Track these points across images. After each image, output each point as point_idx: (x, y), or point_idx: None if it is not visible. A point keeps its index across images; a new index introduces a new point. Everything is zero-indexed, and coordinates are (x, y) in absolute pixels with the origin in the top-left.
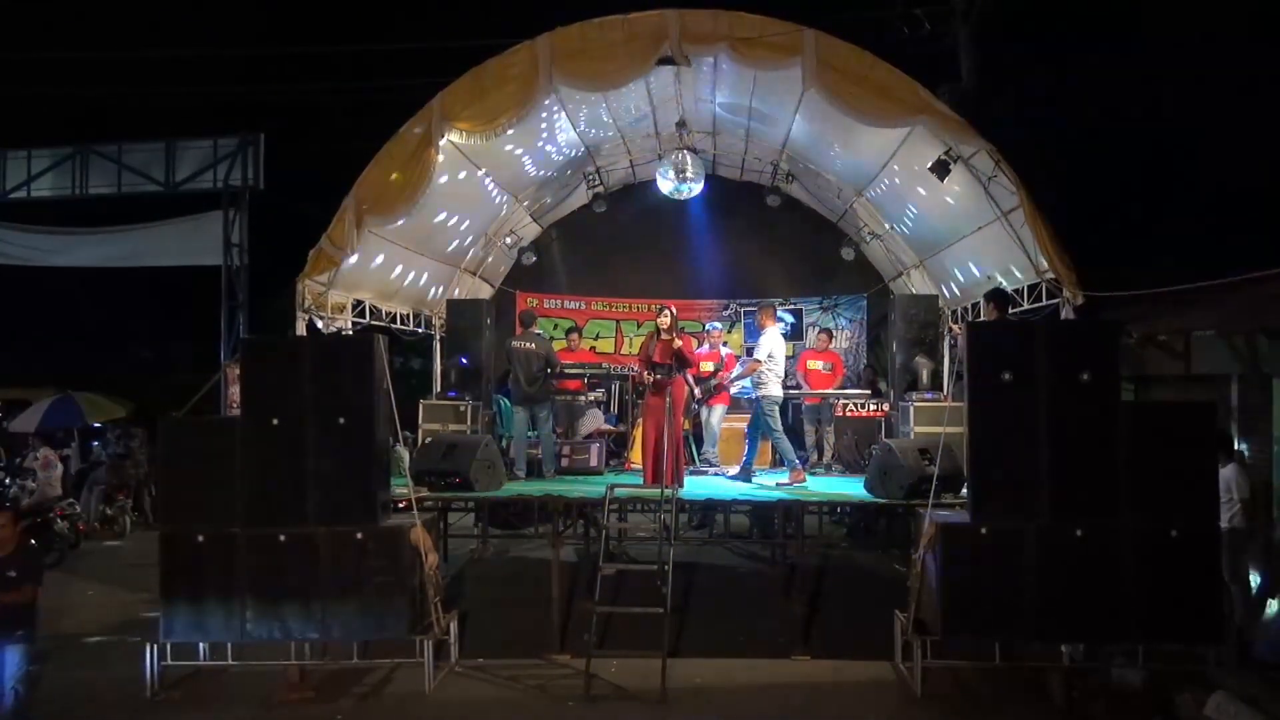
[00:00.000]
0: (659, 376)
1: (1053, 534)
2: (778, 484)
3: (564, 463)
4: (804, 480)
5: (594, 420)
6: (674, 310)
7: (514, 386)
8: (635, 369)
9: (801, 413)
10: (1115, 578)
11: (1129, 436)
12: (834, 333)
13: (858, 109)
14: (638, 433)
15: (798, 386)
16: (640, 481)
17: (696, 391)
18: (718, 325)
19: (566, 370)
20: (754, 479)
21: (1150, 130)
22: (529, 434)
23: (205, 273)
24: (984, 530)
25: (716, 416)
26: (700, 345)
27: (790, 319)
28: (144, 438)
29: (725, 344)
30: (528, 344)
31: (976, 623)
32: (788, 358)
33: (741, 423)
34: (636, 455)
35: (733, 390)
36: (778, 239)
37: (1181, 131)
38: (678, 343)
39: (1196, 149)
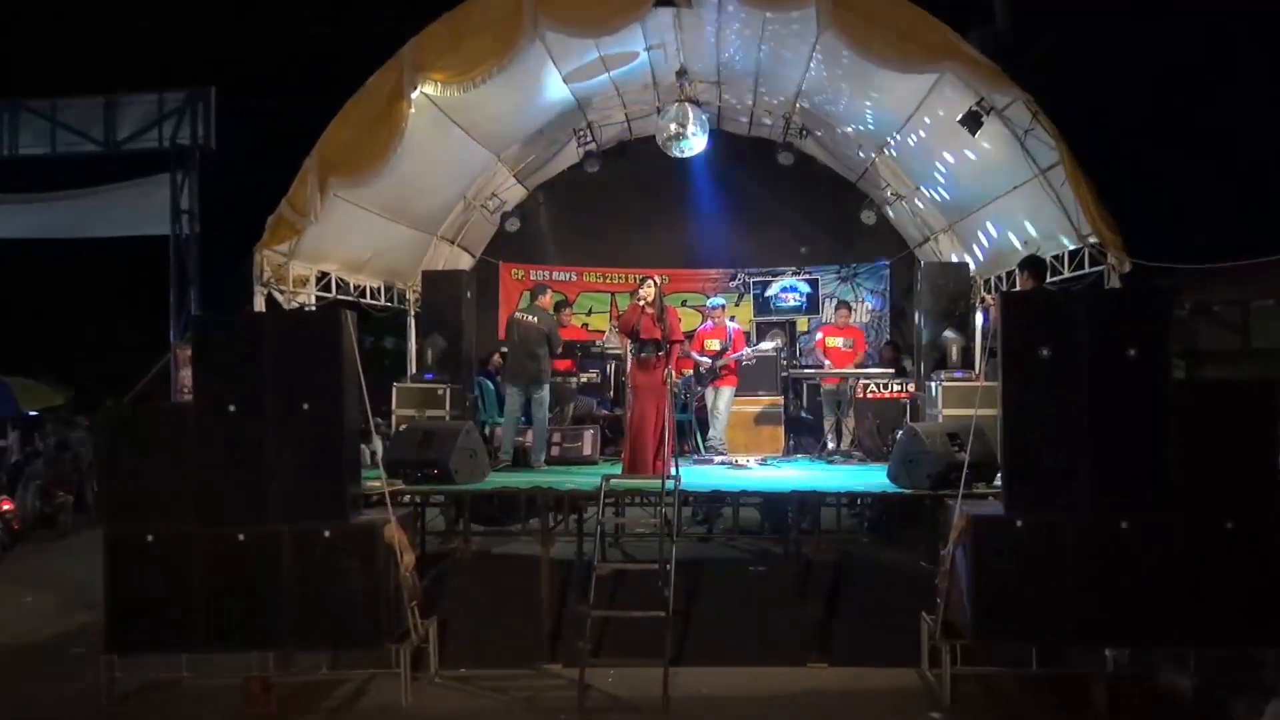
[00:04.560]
0: (645, 354)
1: (1095, 527)
2: None
3: (554, 452)
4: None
5: (586, 404)
6: (658, 281)
7: (510, 362)
8: (612, 344)
9: (819, 395)
10: (1164, 575)
11: (1180, 419)
12: (853, 306)
13: (879, 54)
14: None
15: (817, 365)
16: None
17: (703, 366)
18: (720, 301)
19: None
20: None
21: (1209, 78)
22: (520, 419)
23: (151, 243)
24: (1020, 523)
25: (724, 400)
26: (704, 322)
27: (807, 288)
28: (85, 427)
29: (733, 319)
30: (531, 317)
31: (1011, 625)
32: (802, 334)
33: (753, 406)
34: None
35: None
36: (790, 201)
37: (1248, 79)
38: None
39: (1265, 97)
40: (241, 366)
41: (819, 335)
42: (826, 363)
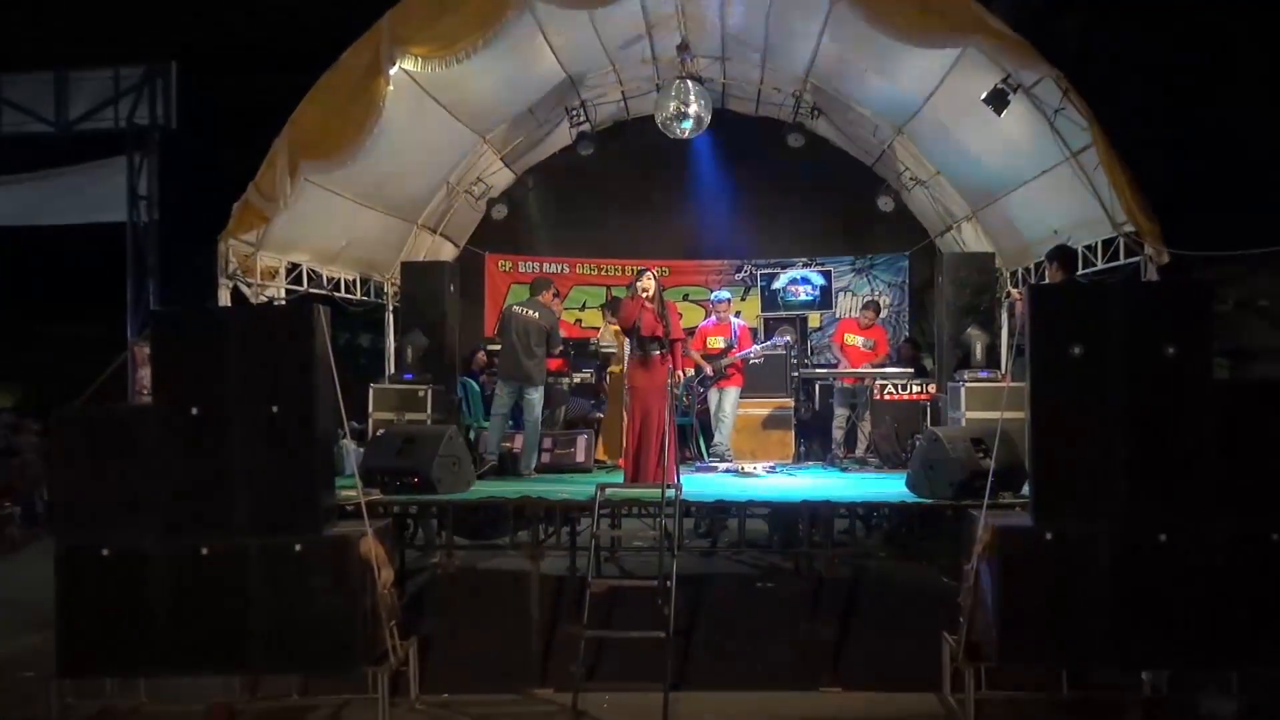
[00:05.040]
0: (646, 353)
1: (1131, 539)
2: None
3: (545, 458)
4: None
5: (580, 407)
6: (657, 274)
7: (503, 358)
8: (605, 342)
9: (832, 396)
10: (1206, 591)
11: (1223, 422)
12: (880, 306)
13: (896, 27)
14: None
15: (834, 364)
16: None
17: (707, 369)
18: (725, 295)
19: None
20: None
21: (1255, 48)
22: (508, 420)
23: (107, 231)
24: (1049, 535)
25: (730, 402)
26: (707, 317)
27: (820, 280)
28: (35, 432)
29: (738, 314)
30: (530, 312)
31: (1040, 646)
32: (814, 330)
33: (760, 409)
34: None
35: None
36: (801, 186)
37: None
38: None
39: None
40: (205, 366)
41: (836, 329)
42: (842, 360)
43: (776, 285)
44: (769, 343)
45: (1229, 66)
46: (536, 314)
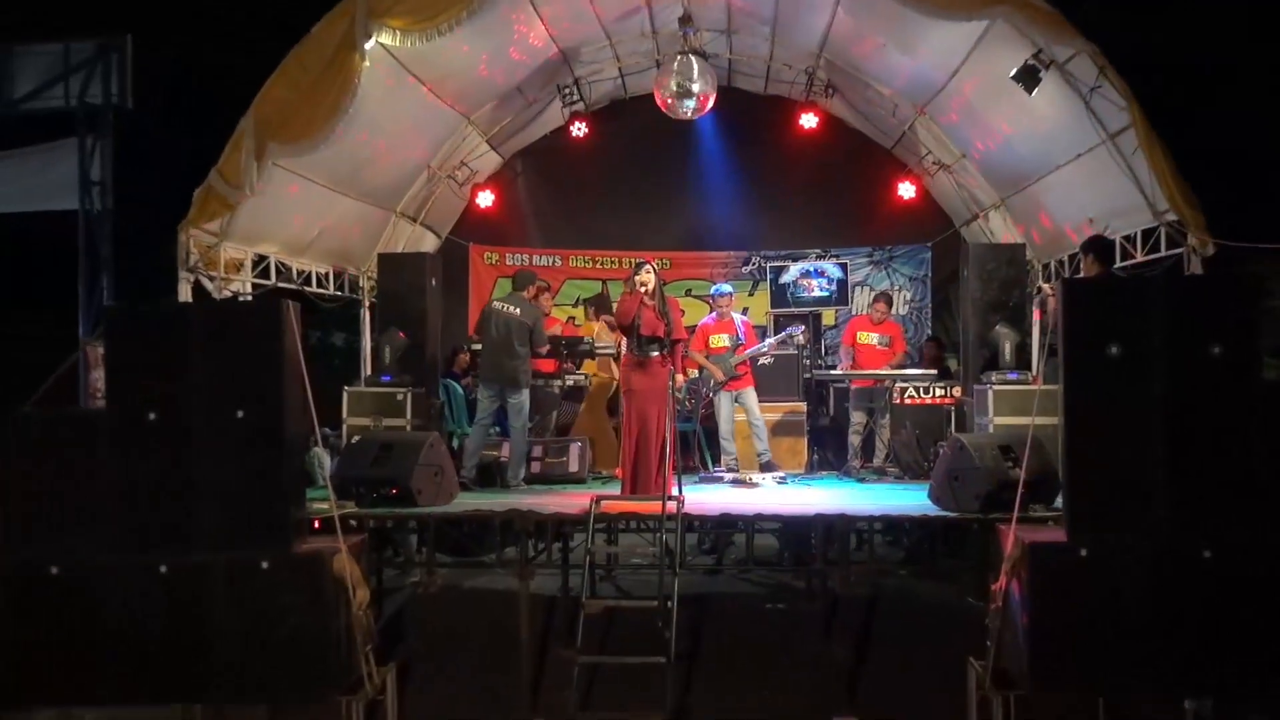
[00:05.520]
0: (645, 353)
1: (1174, 555)
2: None
3: (535, 468)
4: None
5: (572, 412)
6: (656, 267)
7: (484, 360)
8: (603, 341)
9: (847, 400)
10: (1255, 611)
11: (1273, 427)
12: (893, 297)
13: None
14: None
15: (851, 365)
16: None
17: (718, 375)
18: (728, 289)
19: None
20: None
21: None
22: (492, 428)
23: (56, 220)
24: (1084, 551)
25: (756, 406)
26: (708, 314)
27: (837, 272)
28: None
29: (745, 311)
30: (511, 308)
31: (1075, 672)
32: (829, 327)
33: (770, 414)
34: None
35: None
36: (814, 171)
37: None
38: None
39: None
40: (163, 367)
41: (847, 329)
42: (855, 363)
43: (787, 279)
44: (783, 334)
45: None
46: (518, 310)
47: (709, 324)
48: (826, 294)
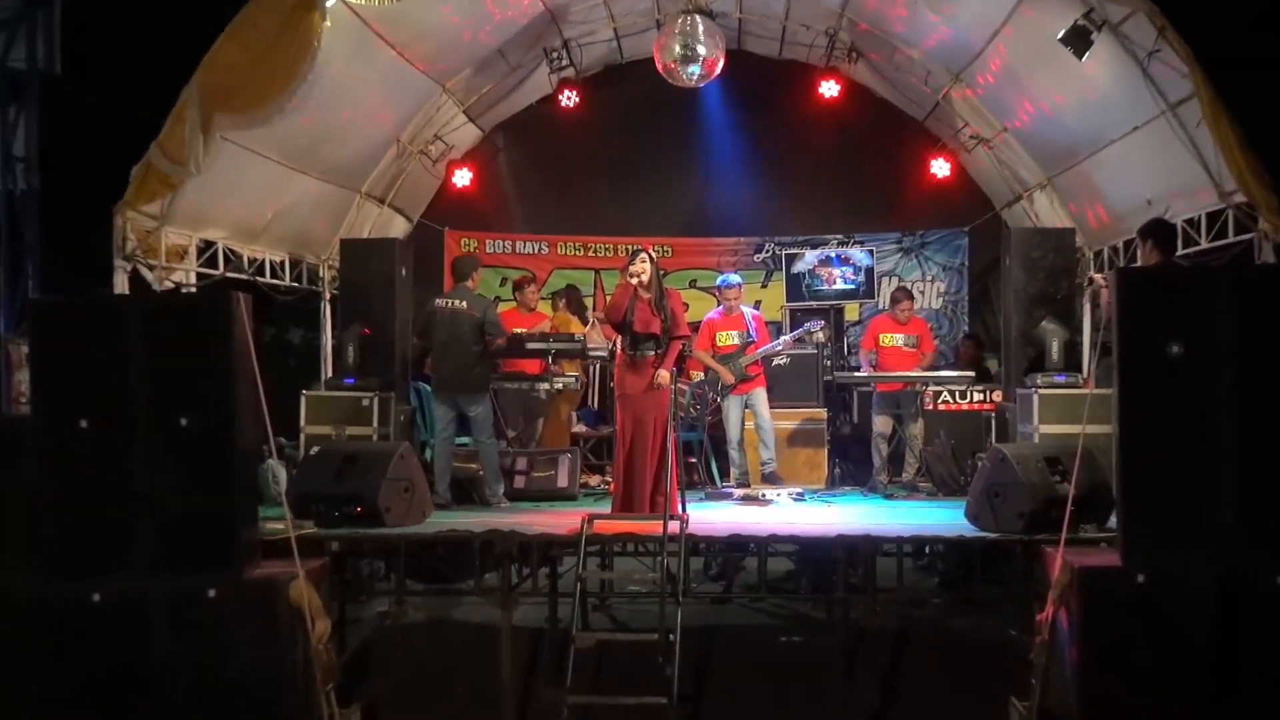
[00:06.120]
0: (640, 353)
1: (1242, 583)
2: None
3: (519, 483)
4: None
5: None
6: (653, 255)
7: (436, 368)
8: (596, 342)
9: (872, 405)
10: None
11: None
12: (918, 290)
13: None
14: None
15: (873, 367)
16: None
17: (726, 377)
18: (736, 279)
19: (525, 345)
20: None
21: None
22: (455, 443)
23: None
24: (1142, 578)
25: (766, 410)
26: (715, 309)
27: (865, 259)
28: None
29: (757, 305)
30: (457, 302)
31: (1129, 712)
32: (853, 323)
33: (786, 422)
34: None
35: None
36: (835, 146)
37: None
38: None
39: None
40: (97, 368)
41: (867, 331)
42: (870, 369)
43: (804, 268)
44: (800, 329)
45: None
46: (464, 303)
47: (715, 319)
48: (851, 286)
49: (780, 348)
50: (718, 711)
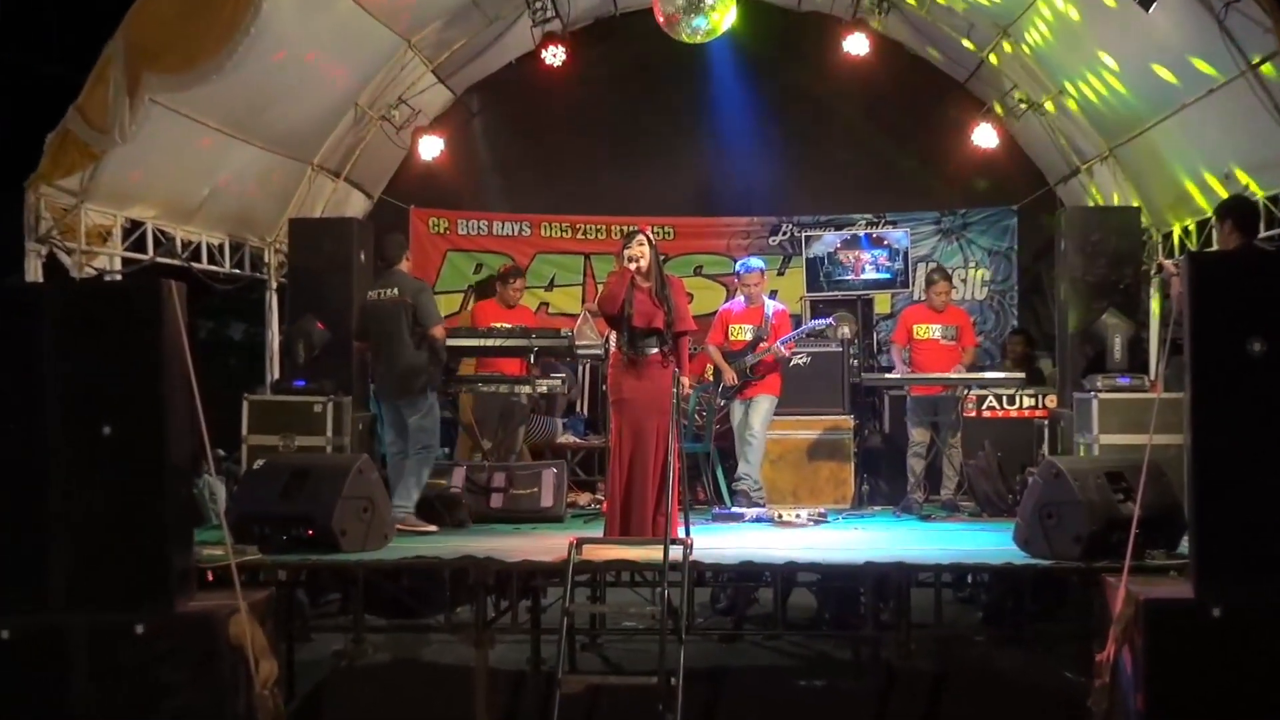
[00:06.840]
0: (638, 351)
1: None
2: None
3: (497, 501)
4: None
5: (547, 429)
6: (652, 237)
7: (374, 370)
8: (587, 339)
9: (905, 411)
10: None
11: None
12: (959, 275)
13: None
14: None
15: (906, 366)
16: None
17: (728, 375)
18: (758, 263)
19: (501, 342)
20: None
21: None
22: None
23: None
24: (1217, 611)
25: (760, 416)
26: (730, 298)
27: (903, 240)
28: None
29: (774, 295)
30: (389, 291)
31: None
32: (883, 316)
33: (806, 431)
34: None
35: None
36: (864, 111)
37: None
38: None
39: None
40: (3, 369)
41: (899, 323)
42: (912, 368)
43: (824, 252)
44: (806, 326)
45: None
46: (395, 289)
47: (732, 310)
48: (885, 275)
49: (783, 350)
50: None
